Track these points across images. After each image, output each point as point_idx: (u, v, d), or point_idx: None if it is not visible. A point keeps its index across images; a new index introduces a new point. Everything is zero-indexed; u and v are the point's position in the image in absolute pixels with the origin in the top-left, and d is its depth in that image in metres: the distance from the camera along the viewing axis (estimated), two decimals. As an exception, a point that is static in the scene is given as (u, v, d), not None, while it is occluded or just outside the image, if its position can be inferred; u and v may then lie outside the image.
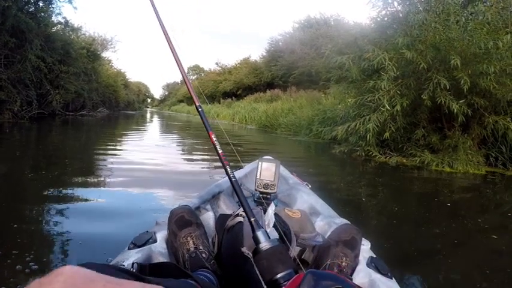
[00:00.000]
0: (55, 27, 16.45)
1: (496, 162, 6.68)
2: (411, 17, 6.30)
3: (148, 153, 6.83)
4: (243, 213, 1.39)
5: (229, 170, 1.26)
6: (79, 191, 3.55)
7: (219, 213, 1.75)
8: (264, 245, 1.03)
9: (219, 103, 33.84)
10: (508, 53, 5.88)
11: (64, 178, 4.18)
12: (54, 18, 15.96)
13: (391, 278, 1.29)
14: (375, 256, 1.41)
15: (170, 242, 1.43)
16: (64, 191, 3.54)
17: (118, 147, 7.57)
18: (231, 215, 1.50)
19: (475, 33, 5.84)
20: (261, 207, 1.57)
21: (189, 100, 50.48)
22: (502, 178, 5.95)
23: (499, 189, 5.37)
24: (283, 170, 2.45)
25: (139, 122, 21.30)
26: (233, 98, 32.22)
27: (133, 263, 1.12)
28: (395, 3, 7.24)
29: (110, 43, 27.86)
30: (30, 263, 1.86)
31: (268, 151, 8.28)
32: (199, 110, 1.41)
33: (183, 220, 1.42)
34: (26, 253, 1.98)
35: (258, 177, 1.93)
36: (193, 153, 7.80)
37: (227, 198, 2.08)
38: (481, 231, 3.16)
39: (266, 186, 1.90)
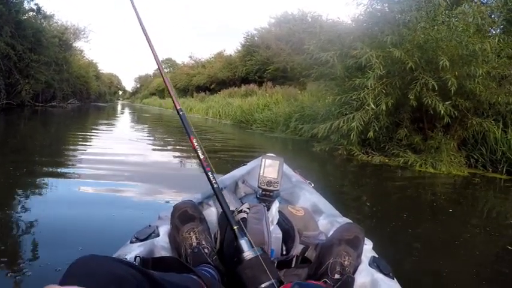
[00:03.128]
0: (27, 14, 15.85)
1: (476, 164, 6.70)
2: (402, 15, 6.22)
3: (122, 147, 6.71)
4: (247, 209, 1.43)
5: (211, 176, 1.25)
6: (49, 188, 3.42)
7: None
8: (248, 254, 1.07)
9: (192, 97, 33.48)
10: (493, 55, 5.88)
11: (33, 175, 3.96)
12: (26, 5, 15.47)
13: (393, 278, 1.27)
14: (377, 256, 1.39)
15: (173, 237, 1.41)
16: (33, 189, 3.37)
17: (89, 142, 7.34)
18: (233, 211, 1.48)
19: (463, 35, 5.81)
20: (264, 204, 1.58)
21: (161, 93, 49.95)
22: (484, 179, 5.97)
23: (487, 190, 5.44)
24: (286, 168, 2.40)
25: (111, 115, 21.01)
26: (206, 92, 31.90)
27: (135, 257, 1.13)
28: (383, 2, 7.14)
29: (82, 32, 27.11)
30: (24, 270, 1.77)
31: (245, 148, 8.17)
32: (180, 113, 1.40)
33: (186, 215, 1.40)
34: (19, 260, 1.88)
35: (261, 174, 1.88)
36: (168, 148, 7.65)
37: (230, 194, 2.00)
38: (483, 233, 3.16)
39: (269, 183, 1.86)
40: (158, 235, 1.39)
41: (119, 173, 4.22)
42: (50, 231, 2.32)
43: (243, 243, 1.10)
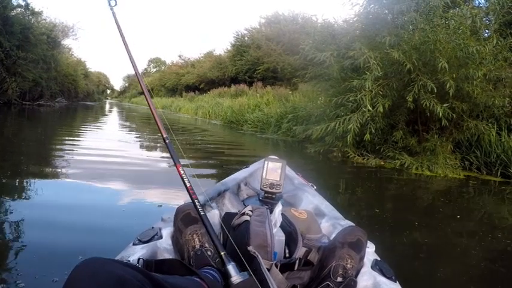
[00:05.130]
0: (14, 10, 15.58)
1: (470, 167, 6.67)
2: (401, 16, 6.17)
3: (112, 147, 6.69)
4: (249, 212, 1.42)
5: (198, 204, 1.24)
6: (40, 193, 3.26)
7: (225, 212, 1.78)
8: (235, 278, 1.07)
9: (181, 96, 33.28)
10: (491, 57, 5.86)
11: (20, 178, 3.80)
12: (14, 1, 15.19)
13: (395, 282, 1.29)
14: (379, 259, 1.41)
15: (176, 239, 1.42)
16: (21, 194, 3.24)
17: (78, 143, 7.18)
18: (236, 213, 1.51)
19: (461, 37, 5.79)
20: (266, 206, 1.58)
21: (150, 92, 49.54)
22: (480, 182, 5.95)
23: (484, 193, 5.41)
24: (289, 170, 2.44)
25: (99, 114, 20.88)
26: (196, 91, 31.74)
27: (138, 259, 1.14)
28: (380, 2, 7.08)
29: (71, 30, 26.72)
30: (17, 281, 1.67)
31: (237, 150, 8.08)
32: (167, 141, 1.39)
33: (189, 217, 1.41)
34: (12, 271, 1.77)
35: (263, 176, 1.92)
36: (158, 147, 7.54)
37: (232, 196, 2.07)
38: (486, 237, 3.14)
39: (272, 185, 1.90)
40: (161, 237, 1.40)
41: (110, 174, 4.14)
42: (43, 238, 2.20)
43: (230, 268, 1.09)
